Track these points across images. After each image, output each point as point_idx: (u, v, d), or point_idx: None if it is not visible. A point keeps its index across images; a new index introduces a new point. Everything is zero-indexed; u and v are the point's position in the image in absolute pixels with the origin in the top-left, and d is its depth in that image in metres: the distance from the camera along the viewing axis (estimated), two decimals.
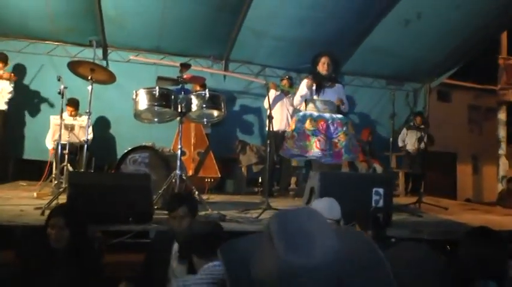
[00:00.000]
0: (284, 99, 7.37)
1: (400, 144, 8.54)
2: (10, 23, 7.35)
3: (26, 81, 7.77)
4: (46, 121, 6.82)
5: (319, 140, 4.85)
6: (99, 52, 7.96)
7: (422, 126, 8.17)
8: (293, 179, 8.32)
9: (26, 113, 7.77)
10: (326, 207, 2.70)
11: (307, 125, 4.94)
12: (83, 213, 3.02)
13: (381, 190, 4.18)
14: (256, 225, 4.06)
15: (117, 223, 3.57)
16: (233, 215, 4.34)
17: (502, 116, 11.60)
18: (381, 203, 4.16)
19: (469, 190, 14.64)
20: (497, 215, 6.09)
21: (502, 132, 11.52)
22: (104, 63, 8.04)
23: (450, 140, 12.99)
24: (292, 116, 7.26)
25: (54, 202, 4.19)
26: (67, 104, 6.60)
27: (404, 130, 8.69)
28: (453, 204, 7.35)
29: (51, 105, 7.56)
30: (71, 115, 6.70)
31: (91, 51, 7.79)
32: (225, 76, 8.45)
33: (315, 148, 4.85)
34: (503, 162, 11.49)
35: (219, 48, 8.19)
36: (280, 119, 7.17)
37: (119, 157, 7.61)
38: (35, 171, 7.38)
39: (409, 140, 8.55)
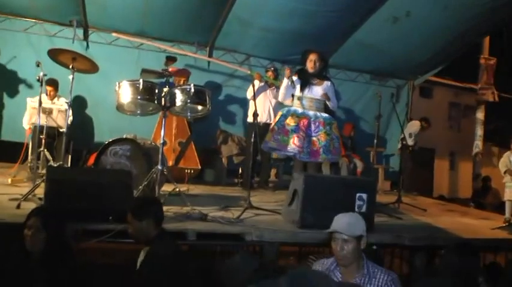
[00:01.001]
0: (267, 91, 7.27)
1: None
2: None
3: (1, 59, 7.46)
4: (23, 102, 6.57)
5: (297, 137, 4.80)
6: (80, 32, 7.75)
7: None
8: (273, 171, 8.30)
9: (4, 93, 7.48)
10: (345, 223, 2.66)
11: (289, 120, 4.89)
12: (61, 213, 2.91)
13: (364, 195, 4.16)
14: (238, 226, 4.00)
15: (97, 221, 3.45)
16: (214, 215, 4.26)
17: (480, 115, 11.75)
18: (363, 209, 4.13)
19: (445, 185, 14.89)
20: (473, 218, 6.17)
21: (480, 131, 11.67)
22: (84, 44, 7.83)
23: (430, 136, 13.06)
24: (274, 109, 7.21)
25: (32, 195, 4.09)
26: (46, 84, 6.39)
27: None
28: (430, 203, 7.44)
29: (29, 85, 7.31)
30: (49, 95, 6.46)
31: (71, 30, 7.66)
32: (209, 64, 8.29)
33: (291, 143, 4.81)
34: (479, 160, 11.68)
35: (204, 35, 8.03)
36: (262, 110, 7.08)
37: (96, 140, 7.67)
38: (11, 152, 7.17)
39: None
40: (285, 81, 5.12)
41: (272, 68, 7.50)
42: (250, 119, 7.07)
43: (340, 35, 7.85)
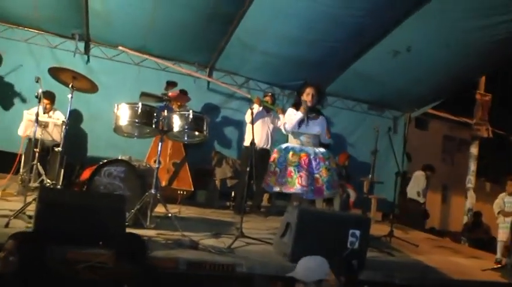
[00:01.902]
0: (266, 117, 7.26)
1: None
2: None
3: (2, 69, 7.43)
4: (18, 112, 6.58)
5: (301, 176, 4.76)
6: (81, 46, 7.76)
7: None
8: (265, 196, 8.25)
9: None
10: (305, 269, 2.72)
11: (290, 159, 4.85)
12: (40, 238, 2.86)
13: (357, 232, 4.12)
14: (228, 257, 3.95)
15: (87, 245, 3.39)
16: (205, 243, 4.22)
17: (474, 150, 11.78)
18: (356, 245, 4.10)
19: (436, 218, 14.88)
20: (464, 256, 6.15)
21: (473, 166, 11.70)
22: (85, 57, 7.84)
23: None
24: (272, 134, 7.21)
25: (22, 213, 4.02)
26: (43, 97, 6.34)
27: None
28: (422, 238, 7.42)
29: (25, 97, 7.28)
30: (45, 108, 6.42)
31: (73, 43, 7.67)
32: (208, 85, 8.31)
33: (297, 184, 4.76)
34: (470, 195, 11.67)
35: (205, 56, 8.07)
36: (260, 135, 7.07)
37: (90, 155, 7.61)
38: (3, 162, 7.10)
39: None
40: (299, 115, 5.01)
41: (270, 94, 7.52)
42: (246, 143, 7.08)
43: (340, 65, 7.92)
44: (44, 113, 6.21)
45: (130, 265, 2.94)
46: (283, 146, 5.09)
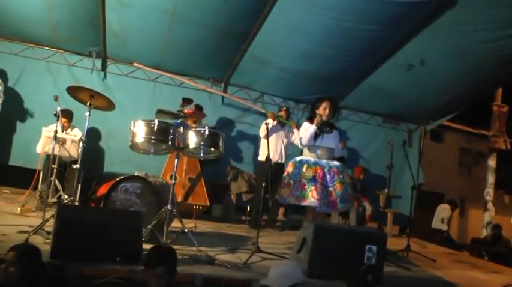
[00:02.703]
0: (280, 131, 7.28)
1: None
2: (10, 26, 7.21)
3: (20, 85, 7.58)
4: (37, 129, 6.67)
5: (315, 189, 4.75)
6: (98, 63, 7.90)
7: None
8: (281, 210, 8.24)
9: (17, 117, 7.56)
10: (277, 276, 2.76)
11: (304, 173, 4.85)
12: (36, 250, 2.89)
13: (374, 247, 4.10)
14: (245, 272, 3.95)
15: (104, 261, 3.43)
16: (221, 258, 4.23)
17: (492, 162, 11.68)
18: (373, 261, 4.08)
19: (454, 231, 14.69)
20: (483, 271, 6.05)
21: (491, 179, 11.59)
22: (101, 74, 7.97)
23: (439, 180, 13.04)
24: (286, 148, 7.22)
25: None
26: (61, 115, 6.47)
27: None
28: (440, 253, 7.32)
29: (44, 114, 7.37)
30: (63, 127, 6.54)
31: (90, 61, 7.81)
32: (223, 100, 8.37)
33: (310, 197, 4.75)
34: (489, 208, 11.54)
35: (220, 72, 8.14)
36: (274, 150, 7.08)
37: (106, 171, 7.70)
38: (19, 178, 7.23)
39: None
40: (312, 128, 5.02)
41: (285, 108, 7.53)
42: (261, 157, 7.10)
43: (355, 79, 7.92)
44: (62, 131, 6.32)
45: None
46: (298, 158, 5.08)
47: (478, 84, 7.62)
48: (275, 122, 7.17)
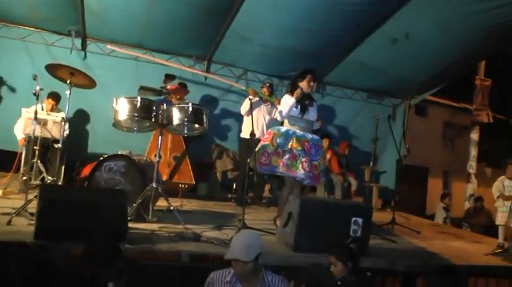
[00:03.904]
0: (262, 107, 7.21)
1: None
2: None
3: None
4: (17, 111, 6.51)
5: (306, 161, 4.79)
6: (78, 42, 7.71)
7: (449, 206, 10.66)
8: (267, 187, 8.26)
9: None
10: (243, 248, 2.82)
11: (294, 144, 4.85)
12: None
13: (360, 220, 4.13)
14: None
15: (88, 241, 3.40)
16: (208, 235, 4.23)
17: (474, 135, 11.80)
18: (359, 233, 4.11)
19: (437, 203, 14.93)
20: (466, 241, 6.17)
21: (474, 152, 11.73)
22: (82, 54, 7.79)
23: (424, 154, 13.17)
24: (267, 125, 7.14)
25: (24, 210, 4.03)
26: (49, 97, 6.36)
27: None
28: (424, 225, 7.43)
29: (24, 95, 7.21)
30: (52, 108, 6.42)
31: (69, 40, 7.63)
32: (206, 78, 8.28)
33: (300, 168, 4.77)
34: (472, 181, 11.71)
35: (203, 49, 8.03)
36: (256, 126, 6.97)
37: (90, 152, 7.61)
38: (1, 161, 7.10)
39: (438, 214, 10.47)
40: (292, 100, 5.02)
41: (267, 84, 7.44)
42: (243, 134, 7.06)
43: (339, 54, 7.88)
44: (45, 109, 6.19)
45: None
46: (283, 129, 5.02)
47: (463, 57, 7.61)
48: (256, 99, 7.07)
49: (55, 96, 6.31)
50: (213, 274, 2.97)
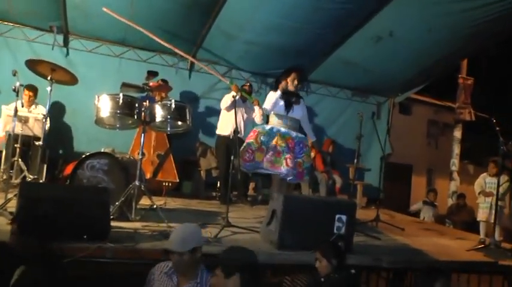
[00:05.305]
0: (241, 106, 7.13)
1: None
2: None
3: None
4: None
5: (290, 158, 4.82)
6: (60, 39, 7.60)
7: (436, 203, 10.52)
8: (251, 185, 8.24)
9: None
10: (179, 239, 2.82)
11: (278, 141, 4.86)
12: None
13: (343, 217, 4.13)
14: (215, 246, 3.93)
15: (70, 240, 3.34)
16: None
17: (457, 133, 11.92)
18: (342, 230, 4.11)
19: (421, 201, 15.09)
20: (449, 238, 6.23)
21: (456, 149, 11.84)
22: (64, 50, 7.69)
23: (408, 152, 13.25)
24: (245, 123, 7.10)
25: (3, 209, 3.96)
26: (26, 88, 6.22)
27: (420, 204, 10.73)
28: (408, 222, 7.48)
29: (4, 92, 7.09)
30: (28, 101, 6.31)
31: (51, 36, 7.51)
32: (190, 76, 8.22)
33: (284, 165, 4.80)
34: (455, 178, 11.83)
35: (187, 46, 7.91)
36: (233, 124, 6.95)
37: (74, 149, 7.50)
38: None
39: (425, 215, 10.33)
40: (275, 95, 5.04)
41: (248, 84, 7.41)
42: (219, 131, 7.01)
43: (323, 52, 7.89)
44: (25, 106, 6.09)
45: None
46: (268, 127, 5.08)
47: (446, 56, 7.68)
48: (238, 96, 7.00)
49: (31, 88, 6.21)
50: (157, 265, 2.98)
